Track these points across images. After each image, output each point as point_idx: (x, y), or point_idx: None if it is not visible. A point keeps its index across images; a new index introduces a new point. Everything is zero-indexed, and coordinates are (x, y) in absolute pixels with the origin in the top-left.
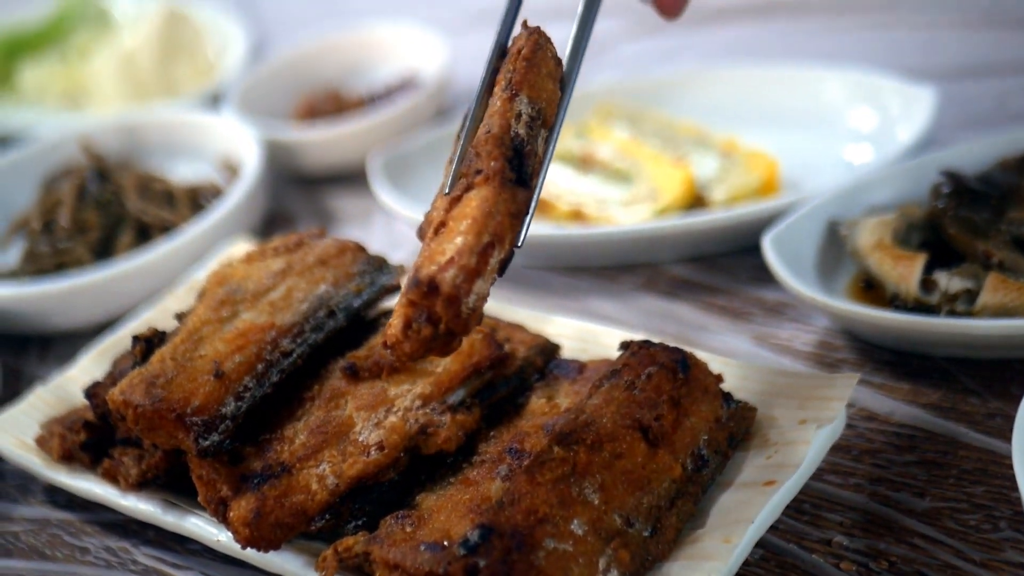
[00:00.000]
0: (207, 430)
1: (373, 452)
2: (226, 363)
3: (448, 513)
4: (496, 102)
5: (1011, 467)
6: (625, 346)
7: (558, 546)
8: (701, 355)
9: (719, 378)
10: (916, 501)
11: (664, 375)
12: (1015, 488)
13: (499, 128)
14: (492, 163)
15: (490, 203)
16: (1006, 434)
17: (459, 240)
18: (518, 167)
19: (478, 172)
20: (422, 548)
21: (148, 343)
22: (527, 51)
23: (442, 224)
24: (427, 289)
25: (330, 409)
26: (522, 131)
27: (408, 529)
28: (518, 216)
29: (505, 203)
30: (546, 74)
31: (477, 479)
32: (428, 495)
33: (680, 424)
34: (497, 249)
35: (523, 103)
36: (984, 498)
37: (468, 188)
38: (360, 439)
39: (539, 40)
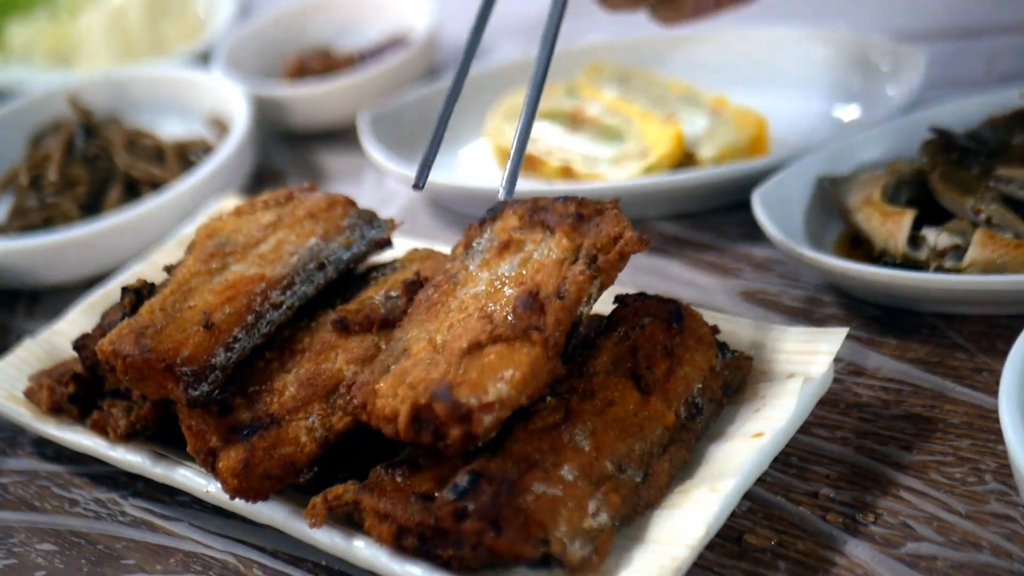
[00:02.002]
0: (197, 380)
1: None
2: (216, 314)
3: (440, 462)
4: (577, 270)
5: (997, 421)
6: (619, 299)
7: (547, 490)
8: None
9: (715, 329)
10: (903, 454)
11: (658, 325)
12: (1001, 442)
13: (573, 302)
14: (556, 332)
15: (539, 366)
16: (992, 389)
17: (504, 390)
18: (568, 342)
19: (537, 328)
20: (412, 498)
21: (137, 294)
22: (628, 248)
23: (478, 345)
24: (458, 416)
25: (320, 362)
26: (584, 310)
27: (399, 479)
28: (548, 384)
29: (549, 373)
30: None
31: None
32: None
33: (673, 373)
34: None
35: (596, 288)
36: (970, 451)
37: (524, 332)
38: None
39: (640, 247)
